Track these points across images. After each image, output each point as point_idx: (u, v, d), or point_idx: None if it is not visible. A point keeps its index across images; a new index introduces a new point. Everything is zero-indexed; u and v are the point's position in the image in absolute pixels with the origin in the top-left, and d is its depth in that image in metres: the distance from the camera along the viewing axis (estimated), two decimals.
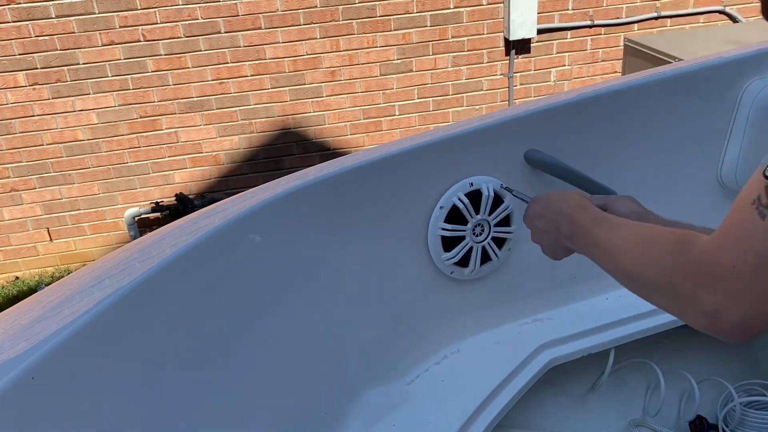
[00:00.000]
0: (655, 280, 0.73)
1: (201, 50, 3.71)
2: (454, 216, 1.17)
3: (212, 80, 3.78)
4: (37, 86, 3.64)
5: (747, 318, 0.63)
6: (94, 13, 3.54)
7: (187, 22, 3.64)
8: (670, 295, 0.70)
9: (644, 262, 0.75)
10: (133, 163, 3.91)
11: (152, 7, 3.58)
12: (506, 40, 3.98)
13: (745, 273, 0.61)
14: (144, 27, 3.61)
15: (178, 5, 3.59)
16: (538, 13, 3.88)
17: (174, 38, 3.66)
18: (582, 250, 0.89)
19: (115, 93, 3.73)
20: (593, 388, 1.42)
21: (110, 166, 3.89)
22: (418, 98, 4.05)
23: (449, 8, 3.85)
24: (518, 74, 4.11)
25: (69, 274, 1.51)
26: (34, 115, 3.71)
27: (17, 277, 4.05)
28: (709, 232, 0.68)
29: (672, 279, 0.69)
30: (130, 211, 3.97)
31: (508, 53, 4.03)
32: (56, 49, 3.58)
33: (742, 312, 0.63)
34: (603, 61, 4.15)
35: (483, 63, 4.04)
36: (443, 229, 1.17)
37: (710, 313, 0.65)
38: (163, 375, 0.87)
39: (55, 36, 3.55)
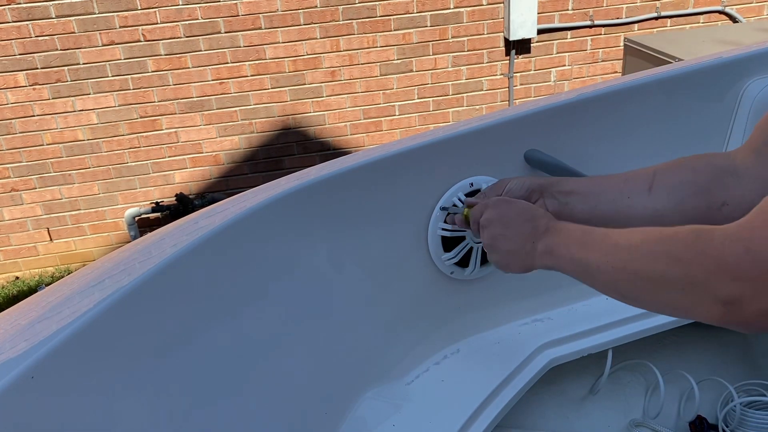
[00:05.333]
0: (661, 272, 0.67)
1: (201, 50, 3.71)
2: (453, 213, 1.17)
3: (212, 80, 3.79)
4: (37, 86, 3.64)
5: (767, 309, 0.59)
6: (94, 13, 3.55)
7: (187, 22, 3.64)
8: (682, 288, 0.65)
9: (653, 253, 0.69)
10: (133, 163, 3.91)
11: (152, 7, 3.58)
12: (506, 40, 3.98)
13: None
14: (144, 27, 3.61)
15: (178, 5, 3.59)
16: (538, 13, 3.88)
17: (174, 38, 3.66)
18: (566, 265, 0.84)
19: (115, 93, 3.73)
20: (593, 388, 1.42)
21: (110, 166, 3.89)
22: (418, 98, 4.05)
23: (449, 8, 3.85)
24: (518, 74, 4.11)
25: (69, 274, 1.51)
26: (34, 115, 3.71)
27: (17, 277, 4.05)
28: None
29: (687, 270, 0.64)
30: (130, 211, 3.97)
31: (508, 53, 4.03)
32: (56, 49, 3.58)
33: (762, 305, 0.58)
34: (603, 61, 4.16)
35: (483, 63, 4.04)
36: (443, 229, 1.17)
37: (729, 301, 0.60)
38: (162, 375, 0.87)
39: (55, 36, 3.55)
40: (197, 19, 3.64)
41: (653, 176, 0.96)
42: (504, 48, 4.02)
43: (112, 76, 3.69)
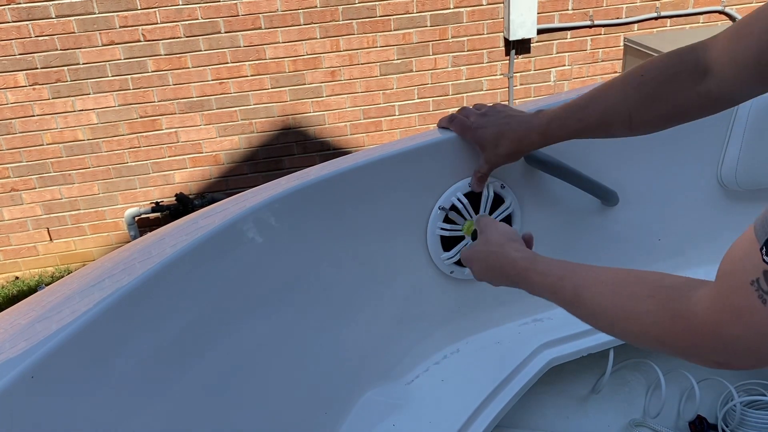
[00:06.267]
0: (646, 343, 0.71)
1: (201, 50, 3.71)
2: (454, 216, 1.17)
3: (212, 80, 3.79)
4: (37, 86, 3.64)
5: (757, 363, 0.63)
6: (94, 13, 3.55)
7: (187, 22, 3.64)
8: (669, 353, 0.69)
9: (629, 330, 0.73)
10: (133, 163, 3.91)
11: (152, 7, 3.58)
12: (506, 40, 3.98)
13: (751, 340, 0.60)
14: (144, 27, 3.61)
15: (178, 5, 3.59)
16: (538, 13, 3.88)
17: (174, 38, 3.66)
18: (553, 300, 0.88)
19: (115, 93, 3.73)
20: (593, 388, 1.42)
21: (110, 166, 3.89)
22: (418, 98, 4.05)
23: (449, 8, 3.85)
24: (518, 74, 4.11)
25: (69, 274, 1.51)
26: (34, 115, 3.71)
27: (17, 277, 4.05)
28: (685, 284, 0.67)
29: (667, 344, 0.68)
30: (130, 211, 3.97)
31: (508, 53, 4.03)
32: (56, 49, 3.58)
33: (751, 362, 0.63)
34: (603, 61, 4.16)
35: (483, 63, 4.04)
36: (442, 228, 1.17)
37: (721, 363, 0.65)
38: (162, 375, 0.87)
39: (55, 36, 3.55)
40: (197, 19, 3.64)
41: (630, 119, 0.97)
42: (504, 48, 4.02)
43: (112, 76, 3.69)
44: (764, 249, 0.56)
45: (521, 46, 4.03)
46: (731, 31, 0.84)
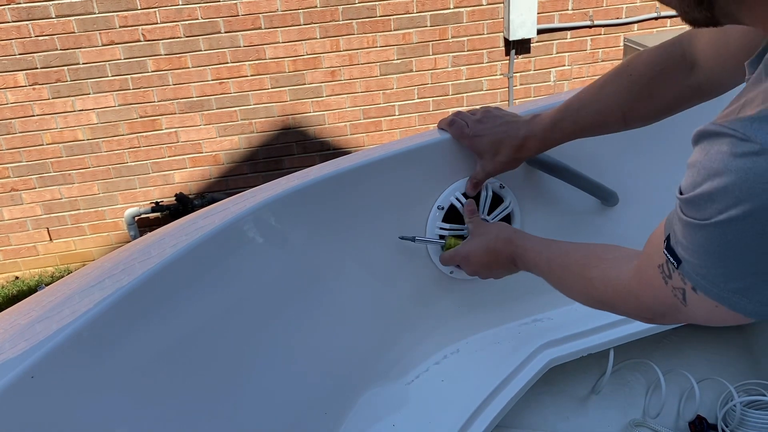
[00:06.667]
0: (597, 303, 0.89)
1: (201, 50, 3.71)
2: (453, 216, 1.17)
3: (212, 80, 3.79)
4: (37, 86, 3.64)
5: (670, 321, 0.75)
6: (94, 13, 3.54)
7: (187, 22, 3.64)
8: (612, 311, 0.87)
9: (584, 294, 0.91)
10: (133, 163, 3.91)
11: (152, 7, 3.58)
12: (506, 40, 3.98)
13: (665, 306, 0.71)
14: (144, 27, 3.61)
15: (178, 5, 3.59)
16: (538, 13, 3.88)
17: (174, 38, 3.66)
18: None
19: (115, 93, 3.73)
20: (593, 388, 1.42)
21: (110, 166, 3.89)
22: (418, 98, 4.05)
23: (449, 8, 3.85)
24: (518, 74, 4.11)
25: (69, 274, 1.51)
26: (34, 115, 3.71)
27: (17, 277, 4.05)
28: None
29: (608, 303, 0.86)
30: (130, 211, 3.97)
31: (508, 53, 4.03)
32: (56, 49, 3.58)
33: (666, 321, 0.76)
34: (603, 61, 4.16)
35: (483, 63, 4.04)
36: (441, 228, 1.17)
37: (647, 319, 0.80)
38: (162, 375, 0.87)
39: (55, 36, 3.55)
40: (197, 19, 3.64)
41: (623, 117, 1.00)
42: (504, 48, 4.02)
43: (112, 76, 3.69)
44: (666, 242, 0.65)
45: (521, 46, 4.03)
46: None
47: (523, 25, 3.85)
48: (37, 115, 3.71)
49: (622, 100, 0.98)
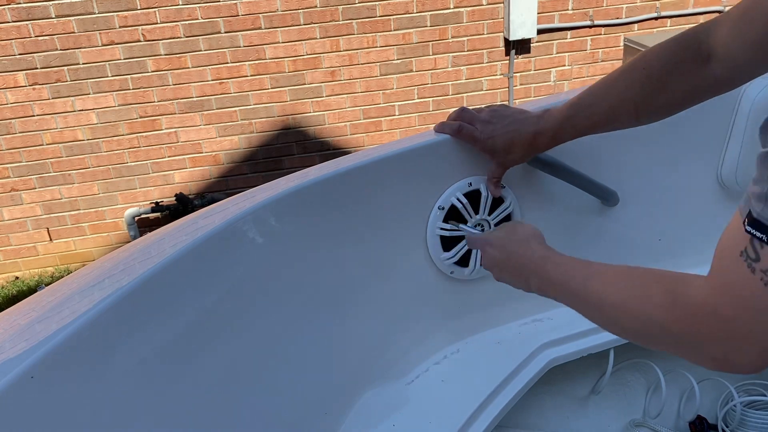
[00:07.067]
0: (650, 333, 0.72)
1: (201, 50, 3.71)
2: (454, 216, 1.17)
3: (212, 80, 3.79)
4: (37, 86, 3.64)
5: (756, 358, 0.63)
6: (94, 13, 3.55)
7: (187, 22, 3.64)
8: (671, 345, 0.70)
9: (634, 316, 0.73)
10: (133, 163, 3.91)
11: (152, 7, 3.58)
12: (506, 40, 3.98)
13: (746, 323, 0.61)
14: (144, 27, 3.61)
15: (178, 5, 3.59)
16: (538, 13, 3.88)
17: (174, 38, 3.66)
18: (560, 300, 0.88)
19: (115, 93, 3.73)
20: (593, 388, 1.42)
21: (110, 166, 3.89)
22: (418, 98, 4.05)
23: (449, 8, 3.85)
24: (518, 74, 4.11)
25: (69, 274, 1.51)
26: (34, 115, 3.71)
27: (17, 277, 4.05)
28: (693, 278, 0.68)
29: (670, 332, 0.68)
30: (130, 211, 3.97)
31: (508, 53, 4.03)
32: (56, 49, 3.58)
33: (750, 357, 0.63)
34: (603, 61, 4.16)
35: (483, 63, 4.04)
36: (442, 228, 1.17)
37: (719, 359, 0.65)
38: (162, 375, 0.87)
39: (55, 36, 3.56)
40: (197, 19, 3.64)
41: (636, 112, 0.97)
42: (504, 48, 4.02)
43: (112, 76, 3.69)
44: (746, 220, 0.58)
45: (521, 46, 4.03)
46: (736, 12, 0.83)
47: (523, 25, 3.85)
48: (37, 115, 3.71)
49: (635, 94, 0.96)
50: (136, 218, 4.00)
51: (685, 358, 0.70)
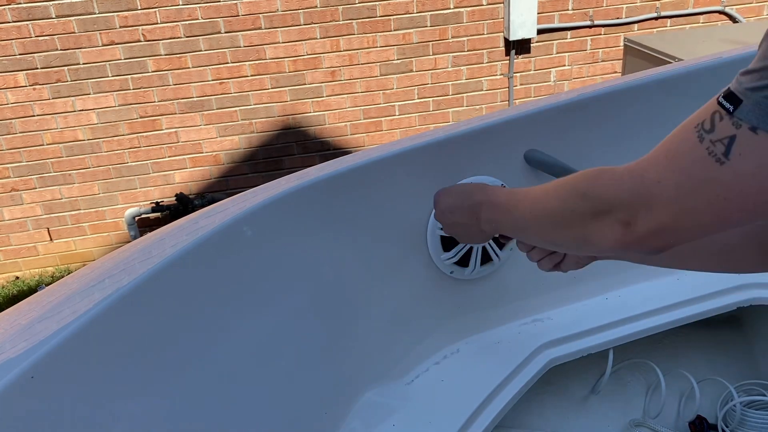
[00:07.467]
0: (569, 208, 0.73)
1: (201, 50, 3.71)
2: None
3: (212, 80, 3.79)
4: (37, 86, 3.64)
5: (662, 228, 0.63)
6: (95, 13, 3.55)
7: (187, 22, 3.64)
8: (589, 217, 0.70)
9: (560, 197, 0.75)
10: (133, 163, 3.91)
11: (152, 7, 3.58)
12: (506, 40, 3.98)
13: (670, 187, 0.61)
14: (144, 27, 3.61)
15: (178, 5, 3.59)
16: (538, 13, 3.88)
17: (174, 38, 3.66)
18: (505, 226, 0.93)
19: (115, 93, 3.73)
20: (595, 388, 1.42)
21: (110, 166, 3.89)
22: (418, 98, 4.05)
23: (449, 8, 3.85)
24: (518, 74, 4.11)
25: (69, 274, 1.51)
26: (34, 115, 3.71)
27: (17, 277, 4.05)
28: None
29: (587, 198, 0.70)
30: (130, 211, 3.97)
31: (508, 53, 4.03)
32: (56, 49, 3.58)
33: (657, 221, 0.62)
34: (603, 61, 4.16)
35: (483, 63, 4.04)
36: (442, 229, 1.17)
37: (621, 224, 0.65)
38: (162, 375, 0.87)
39: (56, 36, 3.56)
40: (197, 19, 3.64)
41: None
42: (504, 48, 4.02)
43: (112, 76, 3.69)
44: (721, 94, 0.59)
45: (521, 46, 4.02)
46: None
47: (523, 25, 3.85)
48: (38, 115, 3.71)
49: None
50: (137, 218, 4.00)
51: (591, 235, 0.70)
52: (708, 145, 0.57)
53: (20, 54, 3.56)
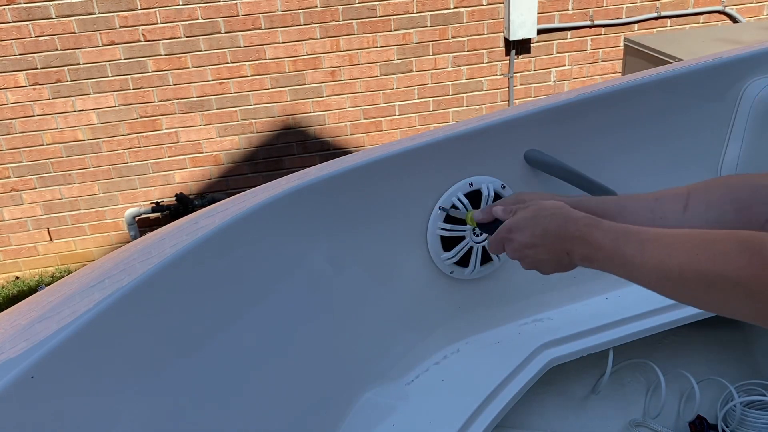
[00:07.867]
0: (721, 290, 0.65)
1: (201, 50, 3.71)
2: (455, 217, 1.17)
3: (212, 80, 3.79)
4: (37, 86, 3.64)
5: None
6: (95, 13, 3.55)
7: (187, 22, 3.64)
8: (742, 302, 0.64)
9: (702, 275, 0.66)
10: (133, 163, 3.91)
11: (152, 7, 3.58)
12: (506, 40, 3.98)
13: None
14: (144, 27, 3.61)
15: (178, 5, 3.59)
16: (538, 13, 3.88)
17: (174, 38, 3.66)
18: (609, 269, 0.81)
19: (115, 93, 3.73)
20: (594, 388, 1.42)
21: (110, 166, 3.89)
22: (418, 98, 4.05)
23: (449, 8, 3.85)
24: (518, 74, 4.11)
25: (69, 274, 1.51)
26: (34, 115, 3.71)
27: (17, 277, 4.05)
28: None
29: (747, 288, 0.63)
30: (130, 211, 3.97)
31: (508, 53, 4.03)
32: (56, 49, 3.58)
33: None
34: (603, 61, 4.15)
35: (483, 63, 4.04)
36: (442, 229, 1.17)
37: None
38: (162, 375, 0.87)
39: (56, 36, 3.56)
40: (197, 19, 3.64)
41: (687, 196, 0.91)
42: (504, 48, 4.02)
43: (112, 76, 3.69)
44: None
45: (521, 46, 4.02)
46: None
47: (523, 25, 3.85)
48: (38, 115, 3.71)
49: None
50: (137, 218, 4.00)
51: (760, 317, 0.64)
52: None
53: (20, 54, 3.56)
